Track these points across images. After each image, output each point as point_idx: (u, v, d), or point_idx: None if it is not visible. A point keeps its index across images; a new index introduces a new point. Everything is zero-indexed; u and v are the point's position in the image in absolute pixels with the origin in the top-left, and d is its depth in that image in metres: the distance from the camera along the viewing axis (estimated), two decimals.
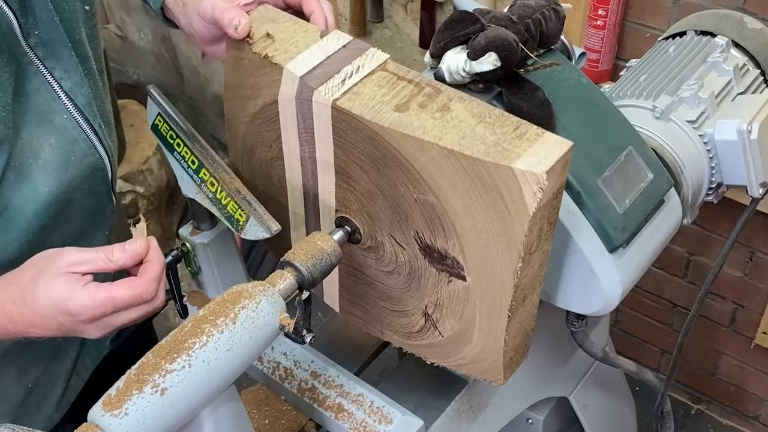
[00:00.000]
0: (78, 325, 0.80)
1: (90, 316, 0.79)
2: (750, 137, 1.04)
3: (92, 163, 0.96)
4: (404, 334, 0.95)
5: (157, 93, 1.03)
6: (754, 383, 2.10)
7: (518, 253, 0.77)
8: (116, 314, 0.81)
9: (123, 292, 0.80)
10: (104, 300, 0.79)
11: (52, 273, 0.79)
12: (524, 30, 0.92)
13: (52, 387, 1.08)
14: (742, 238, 1.80)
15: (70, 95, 0.91)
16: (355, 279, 0.96)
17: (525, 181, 0.72)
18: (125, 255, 0.82)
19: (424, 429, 0.99)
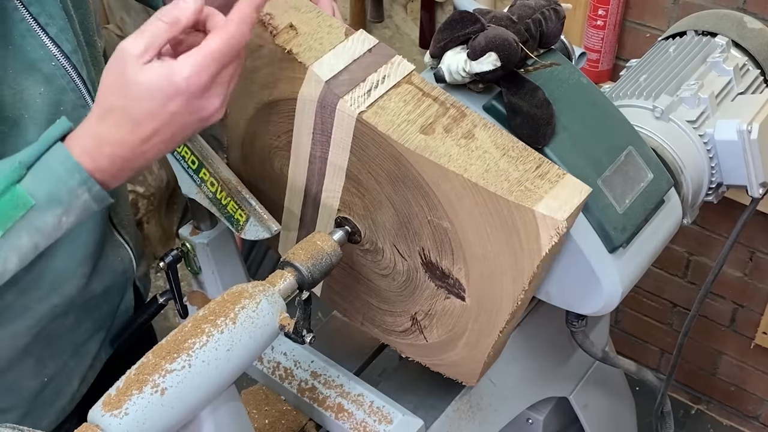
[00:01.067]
0: (192, 103, 0.73)
1: (200, 84, 0.72)
2: (750, 137, 1.04)
3: (82, 117, 0.93)
4: (386, 330, 0.96)
5: None
6: (754, 383, 2.10)
7: (522, 287, 0.79)
8: (221, 73, 0.73)
9: (218, 41, 0.72)
10: (204, 59, 0.71)
11: (135, 74, 0.72)
12: (524, 30, 0.92)
13: (68, 382, 1.08)
14: (742, 238, 1.80)
15: (56, 41, 0.88)
16: (345, 273, 0.96)
17: (544, 224, 0.73)
18: (185, 11, 0.73)
19: (424, 429, 0.99)
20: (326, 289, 1.02)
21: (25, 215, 0.73)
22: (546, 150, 0.89)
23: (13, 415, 1.02)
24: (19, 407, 1.03)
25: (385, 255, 0.89)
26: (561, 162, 0.89)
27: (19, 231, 0.73)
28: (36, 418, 1.05)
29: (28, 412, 1.04)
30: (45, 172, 0.73)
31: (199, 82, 0.72)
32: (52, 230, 0.75)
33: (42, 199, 0.73)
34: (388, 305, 0.93)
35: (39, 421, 1.05)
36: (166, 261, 1.02)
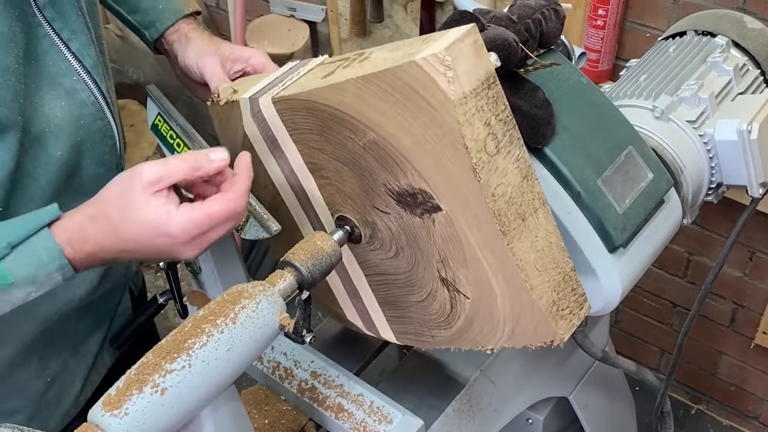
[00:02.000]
0: (175, 246, 0.79)
1: (190, 236, 0.78)
2: (750, 137, 1.04)
3: (101, 129, 0.96)
4: (445, 323, 0.92)
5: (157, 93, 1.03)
6: (754, 383, 2.10)
7: (466, 149, 0.71)
8: (210, 231, 0.80)
9: (218, 208, 0.79)
10: (202, 219, 0.78)
11: (140, 199, 0.77)
12: (524, 30, 0.92)
13: (71, 382, 1.09)
14: (742, 238, 1.80)
15: (78, 56, 0.92)
16: (384, 286, 0.96)
17: (431, 67, 0.69)
18: (210, 163, 0.80)
19: (424, 429, 0.99)
20: (396, 327, 1.00)
21: (1, 290, 0.77)
22: (546, 150, 0.89)
23: (20, 417, 1.03)
24: (25, 409, 1.03)
25: (379, 228, 0.89)
26: (561, 162, 0.89)
27: None
28: (42, 419, 1.05)
29: (34, 414, 1.04)
30: (29, 255, 0.78)
31: (189, 235, 0.78)
32: (18, 302, 0.80)
33: (20, 279, 0.77)
34: (423, 286, 0.91)
35: (45, 423, 1.06)
36: (166, 261, 1.02)
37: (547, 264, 0.77)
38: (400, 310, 0.97)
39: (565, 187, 0.90)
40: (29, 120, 0.86)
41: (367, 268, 0.96)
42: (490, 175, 0.73)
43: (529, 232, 0.76)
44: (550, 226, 0.79)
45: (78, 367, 1.09)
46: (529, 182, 0.77)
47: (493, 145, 0.73)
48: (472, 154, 0.71)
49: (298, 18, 2.38)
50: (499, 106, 0.73)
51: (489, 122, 0.72)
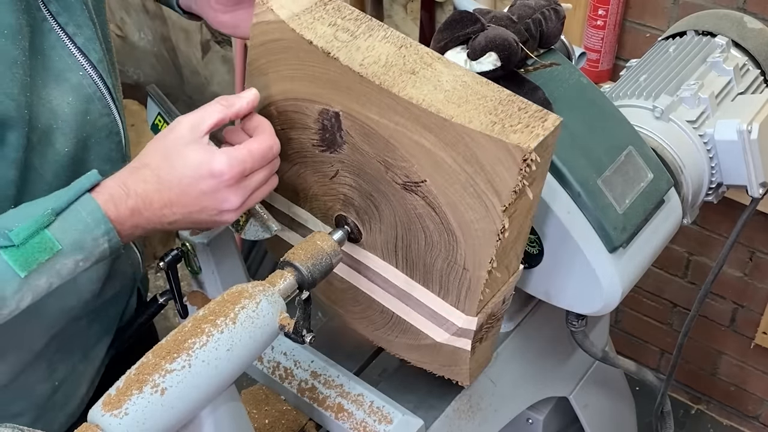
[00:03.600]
0: (220, 190, 0.79)
1: (235, 173, 0.78)
2: (750, 137, 1.04)
3: (107, 125, 0.95)
4: (447, 233, 0.87)
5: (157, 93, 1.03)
6: (754, 383, 2.10)
7: (311, 44, 0.79)
8: (251, 175, 0.80)
9: (257, 145, 0.79)
10: (245, 155, 0.78)
11: (182, 143, 0.78)
12: (524, 30, 0.92)
13: (78, 385, 1.09)
14: (742, 238, 1.80)
15: (84, 51, 0.91)
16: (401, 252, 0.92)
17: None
18: (242, 100, 0.81)
19: (424, 429, 0.99)
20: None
21: (50, 259, 0.76)
22: None
23: (24, 419, 1.03)
24: (30, 411, 1.03)
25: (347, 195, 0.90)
26: (561, 162, 0.89)
27: (41, 273, 0.77)
28: (47, 421, 1.05)
29: (39, 416, 1.04)
30: (74, 220, 0.77)
31: (232, 172, 0.78)
32: (68, 274, 0.79)
33: (68, 245, 0.77)
34: (411, 220, 0.87)
35: (50, 424, 1.06)
36: (166, 261, 1.01)
37: (466, 97, 0.76)
38: (426, 269, 0.91)
39: (565, 187, 0.90)
40: (36, 115, 0.86)
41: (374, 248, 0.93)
42: (352, 54, 0.78)
43: (426, 80, 0.77)
44: (457, 70, 0.78)
45: (86, 371, 1.09)
46: (408, 48, 0.79)
47: (347, 35, 0.79)
48: (320, 45, 0.78)
49: None
50: (343, 12, 0.82)
51: (334, 23, 0.80)
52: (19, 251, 0.75)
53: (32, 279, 0.76)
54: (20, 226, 0.75)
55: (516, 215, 0.76)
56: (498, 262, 0.80)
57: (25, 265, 0.75)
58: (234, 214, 0.82)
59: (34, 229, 0.75)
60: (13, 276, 0.75)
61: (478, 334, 0.89)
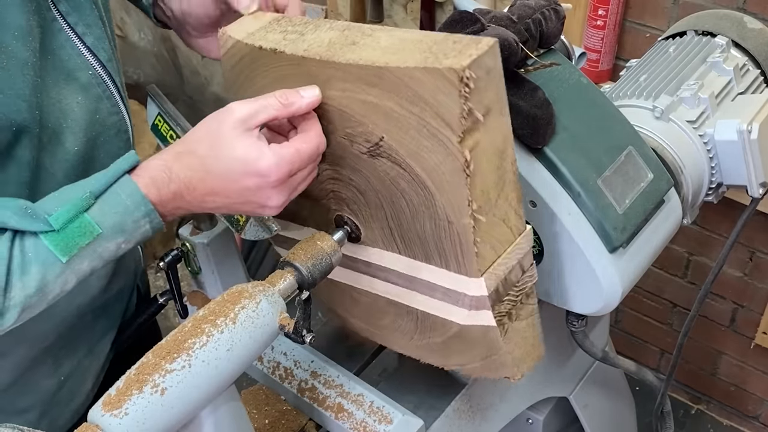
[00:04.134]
0: (265, 189, 0.77)
1: (281, 175, 0.76)
2: (750, 137, 1.04)
3: (116, 124, 0.96)
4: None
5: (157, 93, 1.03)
6: (754, 383, 2.10)
7: (260, 49, 0.82)
8: (297, 175, 0.79)
9: (306, 145, 0.77)
10: (292, 155, 0.76)
11: (231, 135, 0.76)
12: (524, 30, 0.92)
13: (83, 381, 1.09)
14: (742, 238, 1.80)
15: (93, 50, 0.91)
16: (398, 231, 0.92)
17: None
18: (301, 100, 0.78)
19: (424, 429, 0.99)
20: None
21: (91, 242, 0.76)
22: (546, 150, 0.90)
23: (31, 415, 1.03)
24: (37, 407, 1.04)
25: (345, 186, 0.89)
26: (561, 162, 0.89)
27: (83, 257, 0.76)
28: (53, 417, 1.06)
29: (45, 412, 1.04)
30: (113, 203, 0.76)
31: (279, 173, 0.76)
32: (110, 256, 0.78)
33: (108, 228, 0.76)
34: (393, 195, 0.87)
35: (55, 420, 1.06)
36: (166, 261, 1.02)
37: (402, 46, 0.76)
38: (421, 241, 0.90)
39: (565, 187, 0.90)
40: (47, 115, 0.86)
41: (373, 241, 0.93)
42: (297, 45, 0.81)
43: (366, 45, 0.78)
44: (400, 32, 0.79)
45: (91, 366, 1.10)
46: (351, 29, 0.81)
47: (295, 35, 0.83)
48: (269, 47, 0.81)
49: None
50: (293, 21, 0.86)
51: (285, 30, 0.84)
52: (60, 236, 0.74)
53: (74, 263, 0.76)
54: (59, 211, 0.74)
55: (480, 150, 0.75)
56: (479, 204, 0.78)
57: (66, 250, 0.75)
58: (276, 210, 0.80)
59: (74, 213, 0.75)
60: (55, 261, 0.75)
61: (499, 304, 0.86)
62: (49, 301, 0.77)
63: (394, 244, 0.89)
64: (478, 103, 0.72)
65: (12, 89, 0.81)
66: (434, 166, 0.77)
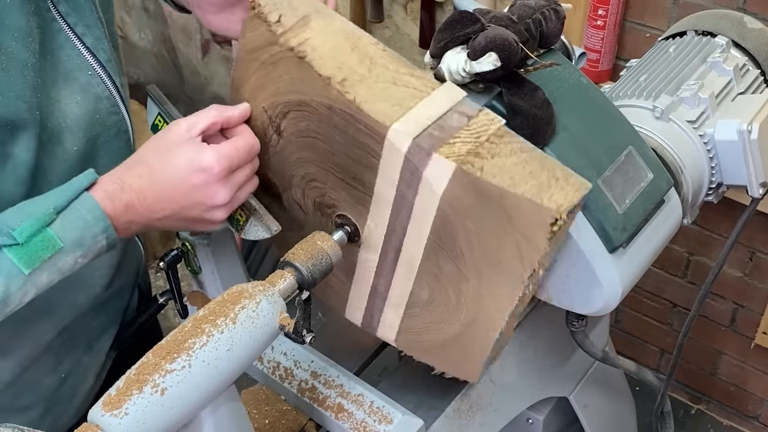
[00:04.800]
0: (209, 184, 0.82)
1: (223, 167, 0.82)
2: (750, 137, 1.04)
3: (116, 124, 0.97)
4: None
5: (157, 93, 1.03)
6: (754, 383, 2.10)
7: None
8: (238, 171, 0.84)
9: (242, 142, 0.84)
10: (230, 150, 0.82)
11: (175, 142, 0.82)
12: (524, 30, 0.92)
13: (84, 378, 1.10)
14: (742, 238, 1.80)
15: (93, 51, 0.93)
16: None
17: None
18: (235, 110, 0.86)
19: (424, 429, 0.99)
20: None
21: (53, 256, 0.79)
22: (546, 150, 0.89)
23: (33, 413, 1.03)
24: (39, 405, 1.04)
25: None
26: (561, 162, 0.89)
27: (44, 269, 0.79)
28: (55, 415, 1.06)
29: (48, 410, 1.05)
30: (74, 218, 0.80)
31: (221, 166, 0.82)
32: (68, 270, 0.81)
33: (69, 243, 0.79)
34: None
35: (58, 418, 1.07)
36: (166, 261, 1.02)
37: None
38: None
39: None
40: (46, 115, 0.87)
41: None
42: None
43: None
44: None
45: (91, 363, 1.10)
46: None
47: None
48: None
49: None
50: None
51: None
52: (23, 249, 0.77)
53: (35, 276, 0.78)
54: (23, 225, 0.77)
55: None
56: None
57: (29, 262, 0.77)
58: (223, 210, 0.85)
59: (37, 227, 0.77)
60: (18, 273, 0.77)
61: (447, 146, 0.82)
62: (6, 313, 0.79)
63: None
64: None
65: (12, 90, 0.82)
66: None
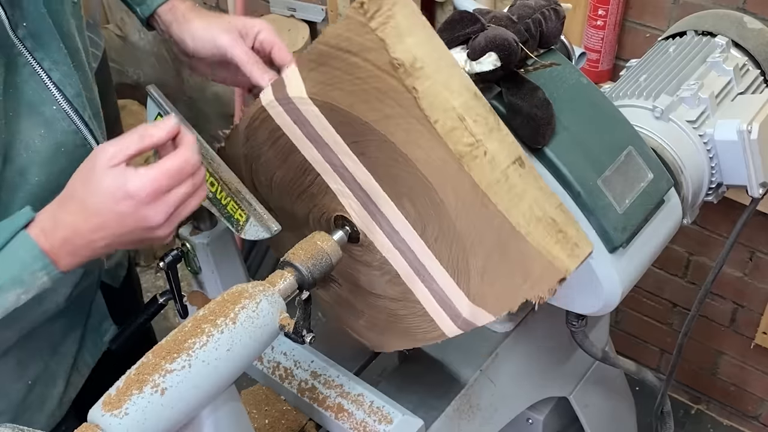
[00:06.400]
0: (139, 209, 0.80)
1: (149, 191, 0.80)
2: (750, 137, 1.04)
3: (83, 156, 0.96)
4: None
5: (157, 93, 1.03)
6: (754, 383, 2.10)
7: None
8: (172, 191, 0.82)
9: (171, 162, 0.81)
10: (157, 174, 0.80)
11: (100, 172, 0.80)
12: (524, 30, 0.92)
13: (53, 383, 1.09)
14: (742, 238, 1.80)
15: (59, 86, 0.93)
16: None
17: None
18: (160, 131, 0.83)
19: (424, 429, 0.99)
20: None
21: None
22: (546, 150, 0.89)
23: (3, 420, 1.03)
24: (7, 412, 1.04)
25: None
26: (561, 162, 0.89)
27: None
28: (26, 422, 1.06)
29: (17, 417, 1.05)
30: (12, 259, 0.80)
31: (147, 191, 0.80)
32: (11, 305, 0.82)
33: (7, 281, 0.80)
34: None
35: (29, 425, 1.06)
36: (166, 261, 1.01)
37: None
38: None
39: (565, 187, 0.90)
40: (9, 148, 0.88)
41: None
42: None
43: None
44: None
45: (59, 368, 1.09)
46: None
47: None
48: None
49: (298, 18, 2.38)
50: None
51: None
52: None
53: None
54: None
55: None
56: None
57: None
58: (164, 229, 0.83)
59: None
60: None
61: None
62: None
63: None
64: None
65: None
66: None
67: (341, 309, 1.05)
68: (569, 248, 0.80)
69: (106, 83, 2.46)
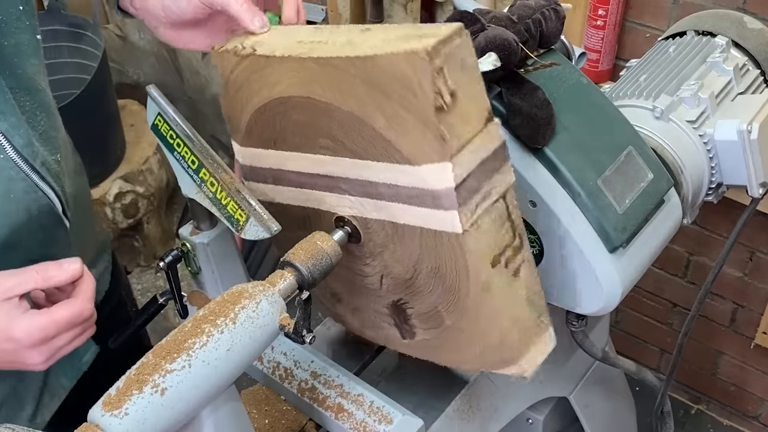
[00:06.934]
0: (20, 351, 0.81)
1: (34, 340, 0.80)
2: (750, 137, 1.04)
3: (36, 200, 0.95)
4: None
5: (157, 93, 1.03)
6: (754, 383, 2.10)
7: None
8: (59, 337, 0.82)
9: (64, 313, 0.81)
10: (46, 324, 0.80)
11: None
12: (524, 30, 0.92)
13: (20, 407, 1.08)
14: (742, 238, 1.80)
15: (7, 136, 0.91)
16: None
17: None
18: (62, 273, 0.83)
19: (424, 429, 0.99)
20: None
21: None
22: (546, 150, 0.90)
23: None
24: None
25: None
26: (561, 162, 0.89)
27: None
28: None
29: None
30: None
31: (31, 339, 0.80)
32: None
33: None
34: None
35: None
36: (166, 261, 1.01)
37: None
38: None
39: (565, 187, 0.90)
40: None
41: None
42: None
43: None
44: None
45: (27, 391, 1.08)
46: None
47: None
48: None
49: None
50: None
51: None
52: None
53: None
54: None
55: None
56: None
57: None
58: (41, 366, 0.83)
59: None
60: None
61: (472, 212, 0.77)
62: None
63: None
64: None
65: None
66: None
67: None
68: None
69: (106, 83, 2.46)
